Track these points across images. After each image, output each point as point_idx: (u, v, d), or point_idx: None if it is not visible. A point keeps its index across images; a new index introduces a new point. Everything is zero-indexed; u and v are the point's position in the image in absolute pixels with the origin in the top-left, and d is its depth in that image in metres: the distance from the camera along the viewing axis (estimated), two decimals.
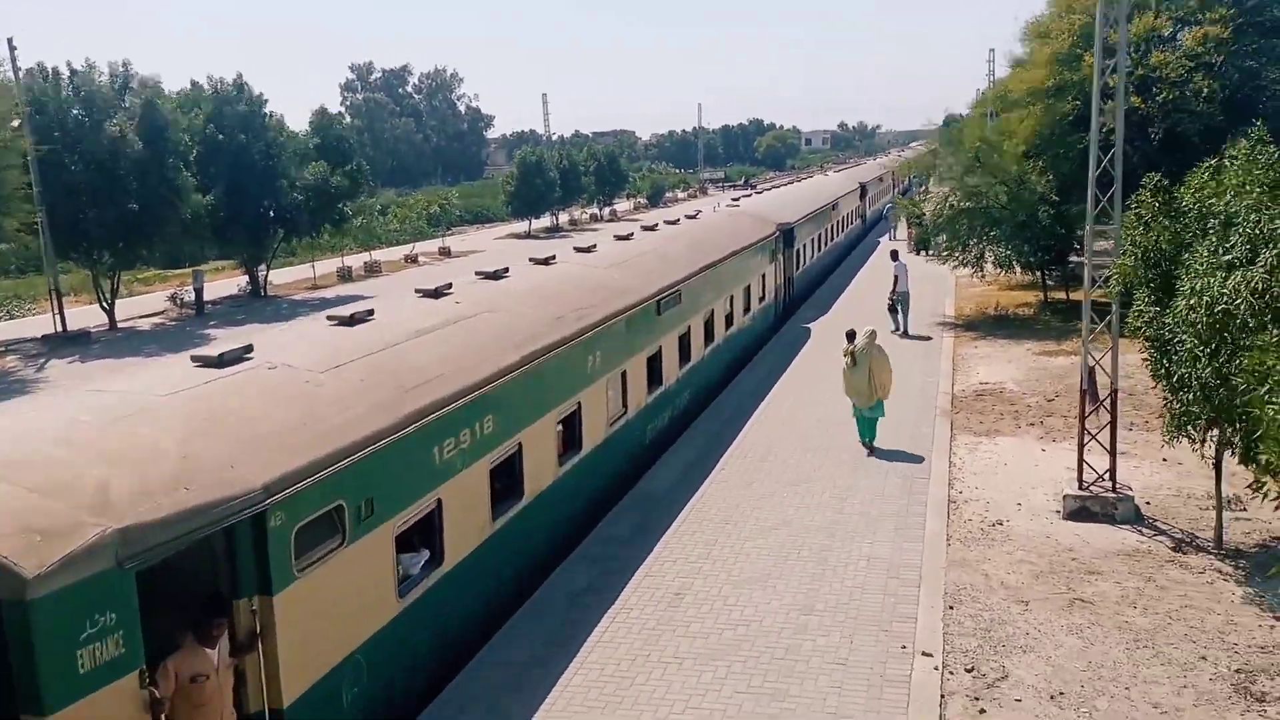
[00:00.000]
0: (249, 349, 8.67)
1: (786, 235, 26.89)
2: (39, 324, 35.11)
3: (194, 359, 8.49)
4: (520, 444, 10.53)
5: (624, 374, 13.83)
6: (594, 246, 16.83)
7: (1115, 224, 12.54)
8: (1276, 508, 7.31)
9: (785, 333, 25.41)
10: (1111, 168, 12.57)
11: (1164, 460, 14.39)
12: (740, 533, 12.43)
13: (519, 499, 10.65)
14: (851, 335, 16.02)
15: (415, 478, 8.69)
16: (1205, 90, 23.06)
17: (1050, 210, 24.57)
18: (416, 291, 12.06)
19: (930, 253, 29.32)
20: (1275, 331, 7.43)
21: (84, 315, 35.66)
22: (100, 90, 33.73)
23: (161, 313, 37.70)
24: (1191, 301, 8.94)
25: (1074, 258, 26.35)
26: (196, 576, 7.08)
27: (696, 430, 16.90)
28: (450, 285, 12.24)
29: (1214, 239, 9.22)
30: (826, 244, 35.72)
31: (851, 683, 8.92)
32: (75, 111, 32.71)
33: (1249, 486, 7.46)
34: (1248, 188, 8.96)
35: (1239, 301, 8.09)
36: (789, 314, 27.42)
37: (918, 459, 15.01)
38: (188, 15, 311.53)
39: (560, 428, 11.81)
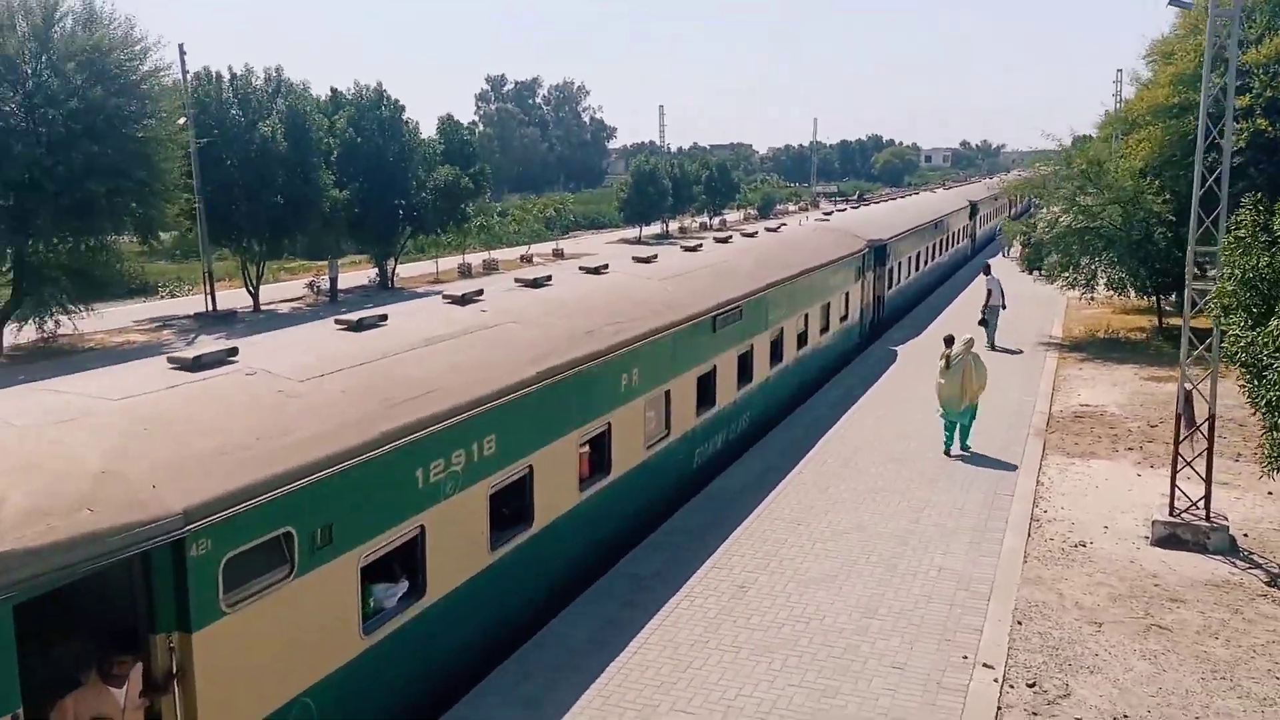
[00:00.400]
0: (233, 352, 8.09)
1: (878, 252, 25.82)
2: (194, 303, 38.54)
3: (170, 360, 7.85)
4: (530, 467, 9.71)
5: (667, 394, 12.98)
6: (654, 257, 16.00)
7: (1218, 246, 12.11)
8: None
9: (870, 354, 24.11)
10: (1218, 188, 12.16)
11: (1269, 493, 13.73)
12: (811, 534, 12.48)
13: (527, 527, 9.85)
14: (950, 341, 16.23)
15: (391, 502, 7.83)
16: None
17: (1167, 232, 23.60)
18: (444, 298, 11.47)
19: (1041, 273, 28.43)
20: None
21: (233, 297, 38.92)
22: (256, 93, 36.49)
23: (300, 298, 40.56)
24: None
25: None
26: (114, 605, 6.43)
27: (774, 438, 16.88)
28: (481, 292, 11.65)
29: None
30: (927, 263, 34.14)
31: (907, 686, 8.91)
32: (233, 112, 35.59)
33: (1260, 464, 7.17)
34: None
35: None
36: (877, 334, 26.13)
37: (1004, 476, 14.72)
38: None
39: (586, 449, 11.03)
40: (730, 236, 20.58)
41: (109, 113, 26.62)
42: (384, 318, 9.95)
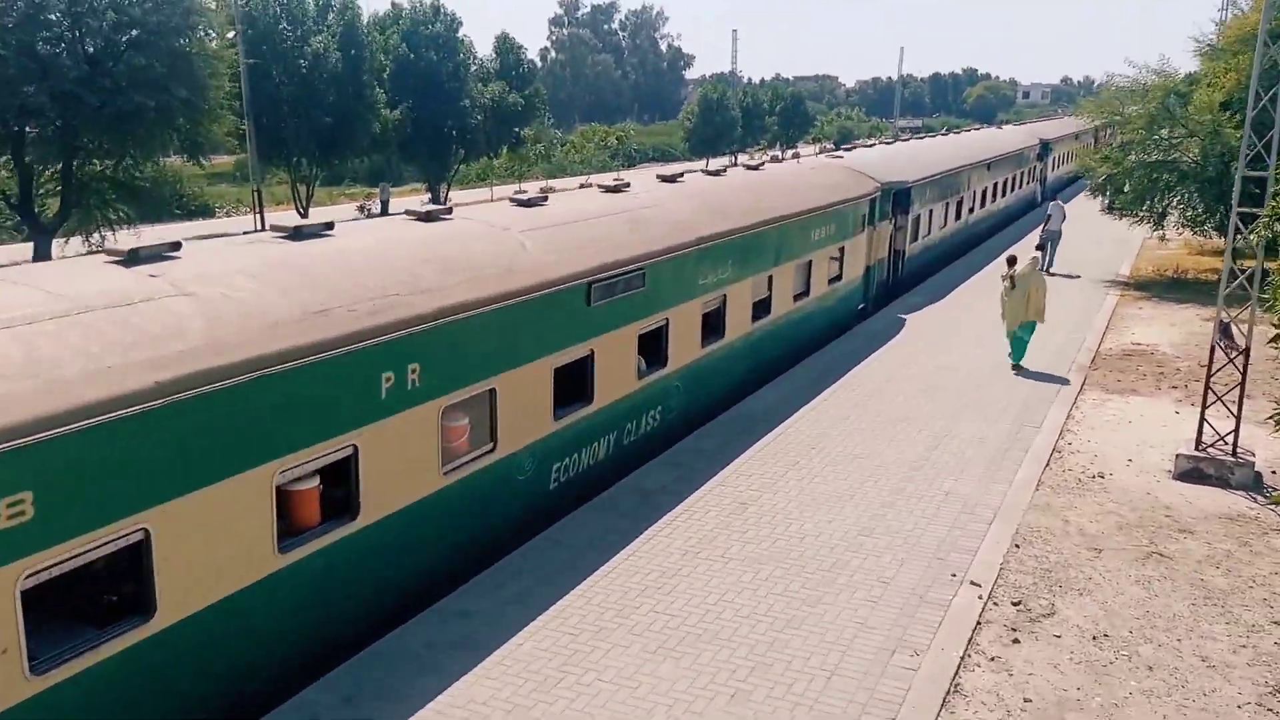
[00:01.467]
0: None
1: (898, 197, 21.80)
2: (246, 224, 39.47)
3: None
4: (146, 531, 6.52)
5: (492, 394, 9.61)
6: (544, 199, 12.55)
7: (1270, 170, 11.63)
8: None
9: (874, 323, 19.90)
10: (1272, 108, 11.60)
11: None
12: (824, 458, 12.54)
13: (145, 619, 6.63)
14: (1013, 261, 17.10)
15: None
16: None
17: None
18: (107, 256, 7.99)
19: (1114, 209, 27.38)
20: None
21: (286, 218, 39.59)
22: (305, 7, 36.83)
23: (352, 220, 41.47)
24: None
25: None
26: None
27: (799, 369, 16.81)
28: (177, 247, 8.17)
29: None
30: (972, 210, 29.17)
31: (889, 599, 9.03)
32: (282, 26, 35.86)
33: (1269, 418, 6.97)
34: None
35: None
36: (892, 297, 22.00)
37: (1036, 409, 14.50)
38: None
39: (313, 486, 7.88)
40: (679, 176, 16.05)
41: (151, 26, 26.56)
42: None
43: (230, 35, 31.71)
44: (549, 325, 10.42)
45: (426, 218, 10.78)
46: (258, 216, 37.62)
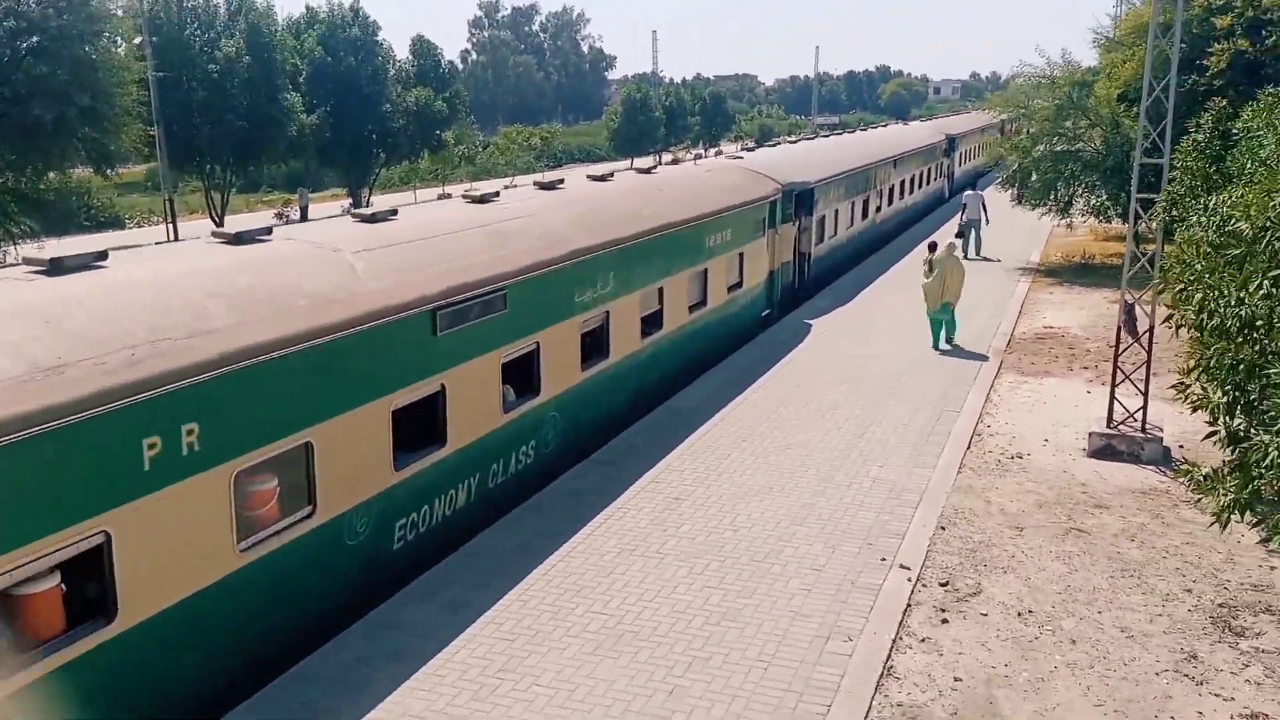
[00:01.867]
0: None
1: (800, 199, 20.80)
2: (158, 234, 38.19)
3: None
4: None
5: (308, 448, 8.17)
6: (394, 213, 11.21)
7: (1165, 157, 12.14)
8: (1193, 410, 7.14)
9: (780, 330, 19.12)
10: (1165, 98, 12.12)
11: None
12: (754, 450, 12.65)
13: None
14: (933, 247, 17.97)
15: None
16: None
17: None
18: None
19: (1023, 200, 28.23)
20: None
21: (200, 227, 38.37)
22: (215, 11, 35.82)
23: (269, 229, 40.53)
24: (1201, 219, 8.62)
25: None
26: None
27: (730, 362, 17.02)
28: None
29: (1243, 161, 8.85)
30: (879, 209, 28.62)
31: (822, 587, 9.14)
32: (188, 32, 34.84)
33: (1171, 387, 7.25)
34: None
35: (1245, 224, 7.76)
36: (800, 301, 21.21)
37: (955, 394, 14.86)
38: None
39: (50, 586, 6.39)
40: (559, 182, 14.95)
41: (52, 32, 25.32)
42: None
43: (137, 41, 30.54)
44: (384, 361, 9.00)
45: (236, 240, 9.22)
46: (169, 225, 36.40)
